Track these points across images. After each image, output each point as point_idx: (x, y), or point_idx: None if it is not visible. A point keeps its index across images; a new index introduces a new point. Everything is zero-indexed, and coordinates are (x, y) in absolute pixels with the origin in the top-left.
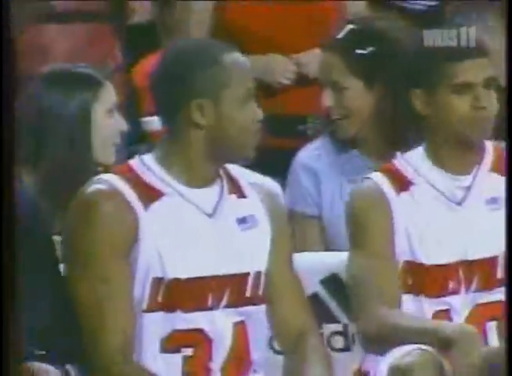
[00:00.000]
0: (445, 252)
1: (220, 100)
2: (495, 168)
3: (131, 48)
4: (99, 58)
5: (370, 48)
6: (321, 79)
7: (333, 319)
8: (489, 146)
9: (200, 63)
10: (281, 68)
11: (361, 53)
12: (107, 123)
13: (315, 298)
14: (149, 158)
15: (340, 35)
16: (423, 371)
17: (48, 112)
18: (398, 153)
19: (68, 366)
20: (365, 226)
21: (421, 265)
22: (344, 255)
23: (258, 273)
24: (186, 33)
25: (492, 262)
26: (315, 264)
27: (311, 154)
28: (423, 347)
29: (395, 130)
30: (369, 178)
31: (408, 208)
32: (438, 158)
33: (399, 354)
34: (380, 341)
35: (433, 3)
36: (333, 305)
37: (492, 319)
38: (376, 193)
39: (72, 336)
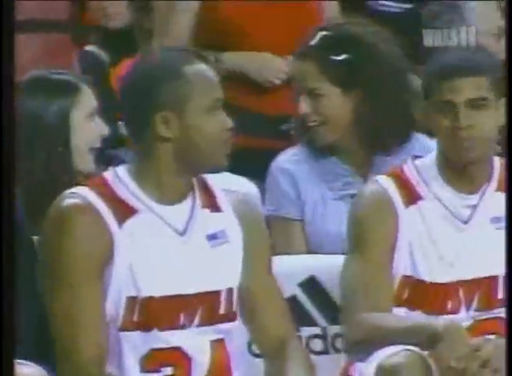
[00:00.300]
0: (448, 271)
1: (184, 112)
2: (501, 188)
3: (109, 53)
4: (58, 68)
5: (344, 54)
6: (296, 87)
7: (312, 322)
8: (497, 164)
9: (162, 77)
10: (274, 68)
11: (336, 59)
12: (87, 128)
13: (293, 300)
14: (122, 171)
15: (313, 42)
16: (410, 372)
17: (28, 119)
18: (409, 159)
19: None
20: (369, 231)
21: (422, 281)
22: (322, 258)
23: (230, 290)
24: (167, 35)
25: (492, 281)
26: (293, 267)
27: (290, 159)
28: (410, 348)
29: (374, 137)
30: (376, 180)
31: (414, 223)
32: (447, 175)
33: (386, 355)
34: (367, 344)
35: (408, 6)
36: (311, 308)
37: (491, 333)
38: (384, 199)
39: (50, 344)
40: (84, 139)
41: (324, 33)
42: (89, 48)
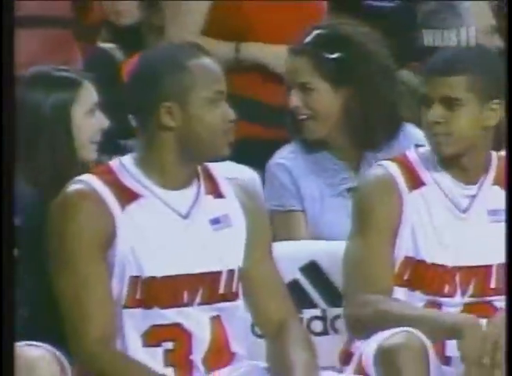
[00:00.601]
0: (447, 255)
1: (187, 103)
2: (498, 181)
3: (119, 50)
4: (60, 63)
5: (337, 52)
6: (288, 81)
7: (312, 305)
8: (494, 158)
9: (167, 69)
10: None
11: (329, 57)
12: (88, 123)
13: (295, 284)
14: (127, 160)
15: (308, 39)
16: (408, 352)
17: (29, 114)
18: (412, 147)
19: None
20: (373, 212)
21: (423, 262)
22: (323, 244)
23: (231, 271)
24: (176, 33)
25: (488, 270)
26: (294, 252)
27: (287, 156)
28: (408, 329)
29: (362, 133)
30: (381, 165)
31: (417, 207)
32: (444, 164)
33: (385, 336)
34: (372, 326)
35: (403, 3)
36: (312, 292)
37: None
38: (389, 182)
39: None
40: (85, 133)
41: (318, 31)
42: (100, 45)
